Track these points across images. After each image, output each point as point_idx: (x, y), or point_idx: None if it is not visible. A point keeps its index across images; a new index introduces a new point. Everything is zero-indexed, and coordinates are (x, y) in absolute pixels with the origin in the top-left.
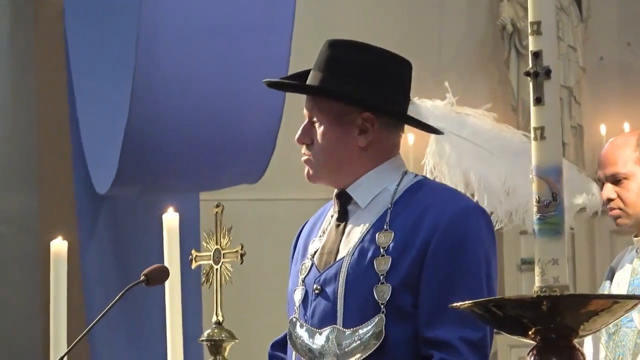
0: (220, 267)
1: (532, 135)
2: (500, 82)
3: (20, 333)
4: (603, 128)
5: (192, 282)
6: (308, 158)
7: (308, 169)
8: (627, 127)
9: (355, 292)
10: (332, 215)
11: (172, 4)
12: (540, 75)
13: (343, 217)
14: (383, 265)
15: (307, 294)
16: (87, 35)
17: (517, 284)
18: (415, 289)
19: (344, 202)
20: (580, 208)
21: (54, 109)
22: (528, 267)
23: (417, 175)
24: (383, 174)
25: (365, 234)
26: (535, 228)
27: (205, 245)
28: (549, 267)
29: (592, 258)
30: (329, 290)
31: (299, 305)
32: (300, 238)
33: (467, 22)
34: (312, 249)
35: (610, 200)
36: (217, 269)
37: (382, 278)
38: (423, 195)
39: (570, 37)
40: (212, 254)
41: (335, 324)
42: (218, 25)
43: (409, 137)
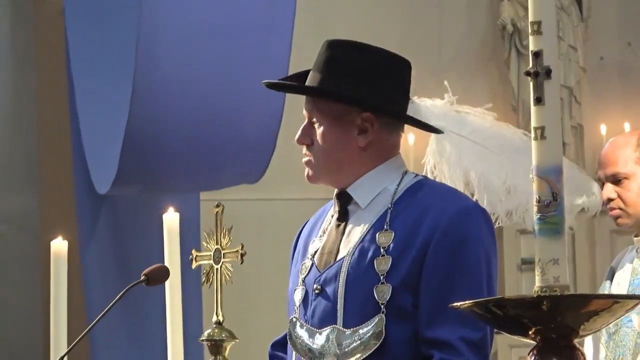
0: (221, 266)
1: (532, 135)
2: (501, 82)
3: (20, 333)
4: (603, 128)
5: (192, 282)
6: (309, 159)
7: (308, 170)
8: (627, 127)
9: (356, 292)
10: (332, 215)
11: (172, 4)
12: (541, 75)
13: (343, 217)
14: (383, 265)
15: (307, 294)
16: (87, 35)
17: (517, 284)
18: (416, 289)
19: (344, 202)
20: (582, 208)
21: (54, 109)
22: (528, 266)
23: (417, 175)
24: (383, 174)
25: (366, 234)
26: (536, 228)
27: (206, 245)
28: (550, 267)
29: (592, 258)
30: (329, 290)
31: (299, 305)
32: (301, 238)
33: (467, 22)
34: (312, 249)
35: (611, 200)
36: (217, 269)
37: (382, 278)
38: (423, 195)
39: (571, 37)
40: (212, 254)
41: (336, 324)
42: (218, 25)
43: (410, 136)
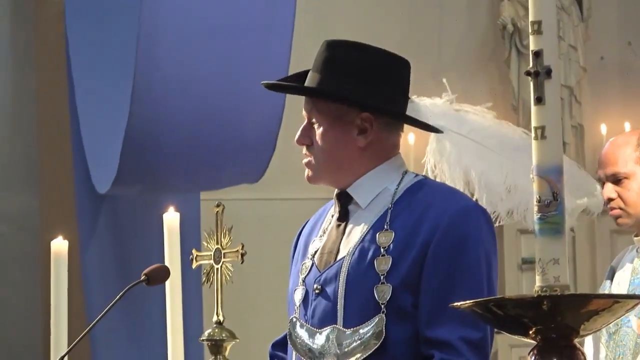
0: (221, 266)
1: (532, 135)
2: (501, 81)
3: (20, 333)
4: (604, 128)
5: (192, 281)
6: (309, 160)
7: (308, 171)
8: (627, 126)
9: (356, 291)
10: (332, 215)
11: (172, 4)
12: (541, 75)
13: (344, 217)
14: (383, 265)
15: (307, 294)
16: (87, 35)
17: (517, 284)
18: (416, 289)
19: (345, 202)
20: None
21: (54, 109)
22: (529, 266)
23: (417, 175)
24: (383, 174)
25: (366, 234)
26: (536, 228)
27: (206, 245)
28: (550, 266)
29: (592, 258)
30: (330, 290)
31: (299, 305)
32: (301, 238)
33: (467, 21)
34: (312, 249)
35: (611, 200)
36: (217, 269)
37: (382, 278)
38: (423, 195)
39: (571, 36)
40: (212, 254)
41: (336, 324)
42: (218, 25)
43: (410, 136)
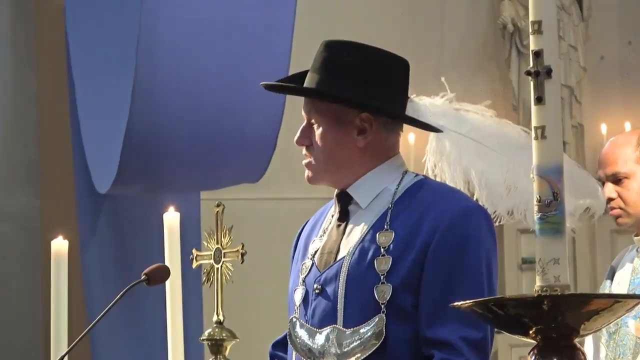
0: (221, 266)
1: (533, 135)
2: (501, 81)
3: (20, 333)
4: (604, 127)
5: (192, 281)
6: (309, 161)
7: (308, 172)
8: (628, 126)
9: (356, 291)
10: (332, 215)
11: (172, 4)
12: (541, 75)
13: (344, 217)
14: (383, 265)
15: (307, 294)
16: (88, 35)
17: (517, 284)
18: (416, 289)
19: (345, 202)
20: (585, 209)
21: (55, 109)
22: (529, 266)
23: (417, 175)
24: (383, 174)
25: (366, 234)
26: (536, 227)
27: (206, 245)
28: (550, 266)
29: (592, 257)
30: (330, 290)
31: (299, 305)
32: (301, 238)
33: (467, 21)
34: (312, 249)
35: (611, 200)
36: (217, 268)
37: (382, 278)
38: (423, 195)
39: (571, 36)
40: (212, 254)
41: (336, 324)
42: (218, 26)
43: (410, 136)
